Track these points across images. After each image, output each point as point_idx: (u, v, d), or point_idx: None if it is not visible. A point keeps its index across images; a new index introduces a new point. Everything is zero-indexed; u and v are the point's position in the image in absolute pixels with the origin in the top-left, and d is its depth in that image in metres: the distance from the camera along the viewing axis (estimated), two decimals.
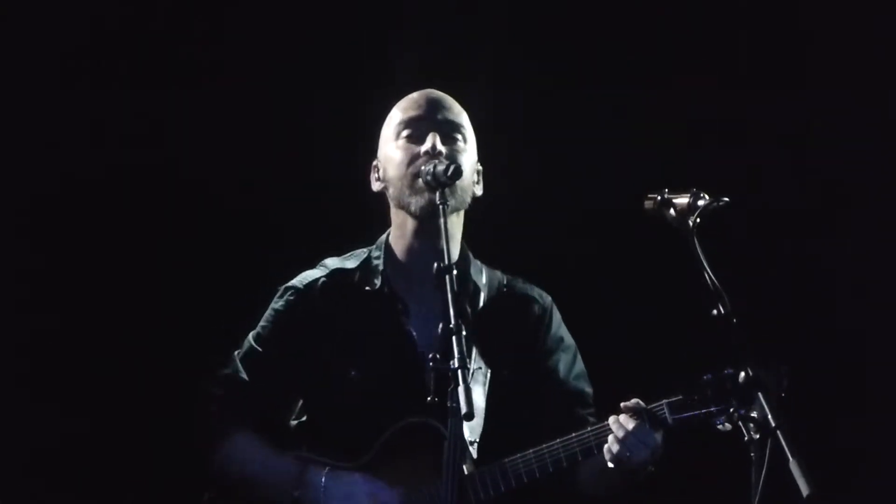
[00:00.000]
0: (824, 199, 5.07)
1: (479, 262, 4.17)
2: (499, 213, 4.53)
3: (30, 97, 4.96)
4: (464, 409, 3.23)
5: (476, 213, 4.11)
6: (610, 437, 3.81)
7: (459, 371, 3.27)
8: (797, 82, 5.09)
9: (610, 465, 3.81)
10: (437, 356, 3.36)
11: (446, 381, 3.32)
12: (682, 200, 3.48)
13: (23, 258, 4.98)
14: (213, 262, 5.06)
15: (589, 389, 4.15)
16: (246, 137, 5.09)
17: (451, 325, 3.35)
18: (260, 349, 4.07)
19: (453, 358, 3.30)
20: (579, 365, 4.16)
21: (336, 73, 5.13)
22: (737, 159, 4.99)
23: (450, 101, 4.09)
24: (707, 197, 3.46)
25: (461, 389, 3.24)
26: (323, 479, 3.92)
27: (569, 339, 4.18)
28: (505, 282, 4.19)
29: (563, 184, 5.14)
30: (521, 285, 4.21)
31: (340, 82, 5.13)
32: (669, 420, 3.80)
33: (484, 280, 4.14)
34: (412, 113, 4.04)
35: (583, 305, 4.33)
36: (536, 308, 4.18)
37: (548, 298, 4.21)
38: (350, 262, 4.15)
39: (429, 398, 3.39)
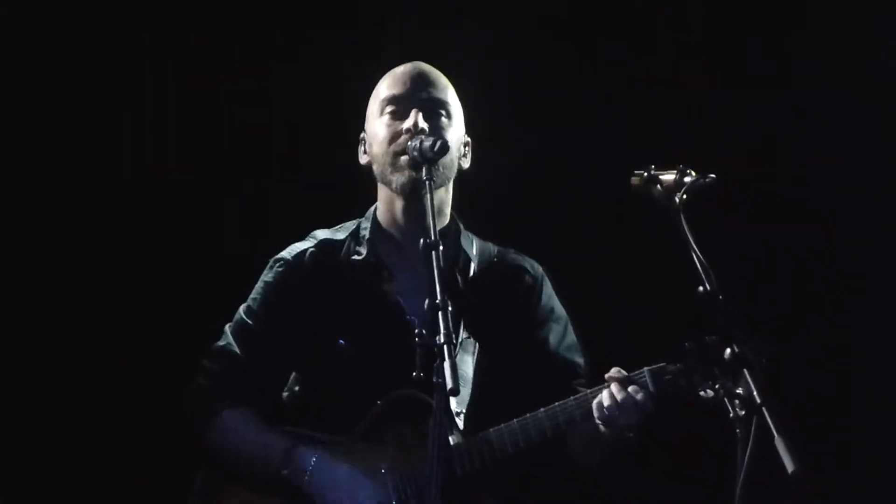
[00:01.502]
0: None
1: (470, 234, 4.17)
2: (492, 186, 4.53)
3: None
4: (449, 385, 3.23)
5: (469, 186, 4.11)
6: (594, 405, 3.82)
7: (445, 347, 3.27)
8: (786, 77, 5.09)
9: (599, 424, 3.82)
10: (424, 332, 3.35)
11: (433, 357, 3.32)
12: (669, 177, 3.47)
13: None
14: (202, 240, 5.06)
15: (580, 360, 4.17)
16: (232, 112, 5.08)
17: (437, 301, 3.34)
18: (251, 322, 4.08)
19: (439, 333, 3.30)
20: (570, 336, 4.18)
21: (326, 43, 5.12)
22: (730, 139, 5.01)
23: (435, 75, 4.09)
24: (694, 174, 3.46)
25: (447, 365, 3.25)
26: (311, 465, 3.93)
27: (560, 310, 4.19)
28: (496, 252, 4.20)
29: (555, 158, 5.14)
30: (513, 256, 4.22)
31: (331, 53, 5.12)
32: (651, 387, 3.80)
33: (475, 251, 4.16)
34: (396, 90, 4.05)
35: (572, 279, 4.33)
36: (528, 278, 4.19)
37: (539, 269, 4.22)
38: (339, 233, 4.17)
39: (414, 374, 3.39)
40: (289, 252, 4.13)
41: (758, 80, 5.10)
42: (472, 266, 4.14)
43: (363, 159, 4.12)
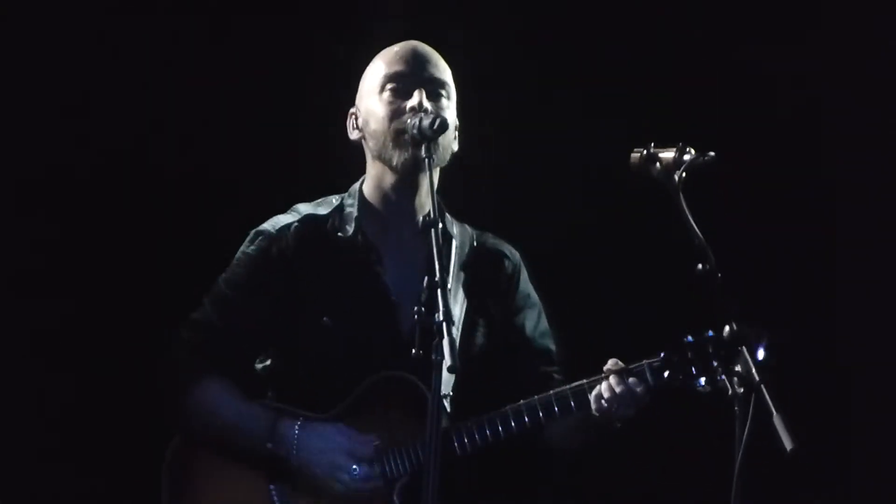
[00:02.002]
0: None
1: (449, 216, 4.17)
2: (475, 169, 4.53)
3: None
4: (449, 362, 3.23)
5: (451, 167, 4.10)
6: (591, 397, 3.84)
7: (445, 324, 3.26)
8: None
9: (594, 414, 3.83)
10: (422, 309, 3.35)
11: (431, 334, 3.31)
12: (668, 155, 3.46)
13: None
14: (178, 213, 5.04)
15: (553, 347, 4.18)
16: (212, 86, 5.05)
17: (437, 279, 3.33)
18: (231, 293, 4.03)
19: (438, 311, 3.29)
20: (543, 323, 4.18)
21: (313, 19, 5.10)
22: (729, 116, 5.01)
23: (435, 56, 4.07)
24: (693, 151, 3.45)
25: (446, 342, 3.24)
26: (296, 432, 3.92)
27: (534, 297, 4.20)
28: (475, 236, 4.19)
29: (541, 140, 5.14)
30: (492, 240, 4.22)
31: (315, 28, 5.10)
32: (650, 381, 3.81)
33: (456, 233, 4.14)
34: (398, 67, 4.01)
35: (564, 265, 4.33)
36: (507, 264, 4.19)
37: (517, 254, 4.22)
38: (322, 208, 4.12)
39: (413, 351, 3.39)
40: (272, 225, 4.08)
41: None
42: (455, 250, 4.13)
43: (354, 135, 4.09)
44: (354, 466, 3.90)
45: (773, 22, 5.07)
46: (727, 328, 3.28)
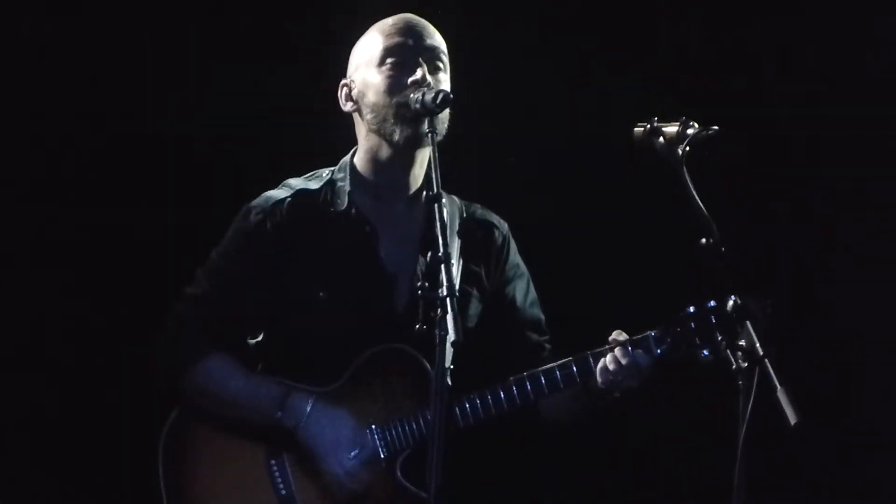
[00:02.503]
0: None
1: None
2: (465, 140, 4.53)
3: None
4: (453, 337, 3.23)
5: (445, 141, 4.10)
6: (597, 369, 3.84)
7: (448, 299, 3.25)
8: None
9: (601, 387, 3.84)
10: (426, 284, 3.35)
11: (434, 309, 3.31)
12: (672, 129, 3.46)
13: None
14: (168, 190, 5.02)
15: (542, 316, 4.19)
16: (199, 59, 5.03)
17: (440, 254, 3.33)
18: (226, 268, 4.03)
19: (441, 286, 3.28)
20: (532, 292, 4.19)
21: None
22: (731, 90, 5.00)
23: (431, 27, 4.05)
24: (696, 125, 3.45)
25: (450, 317, 3.23)
26: (308, 406, 3.92)
27: (523, 267, 4.21)
28: (463, 207, 4.19)
29: (537, 112, 5.13)
30: (481, 211, 4.21)
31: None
32: (655, 351, 3.82)
33: (446, 205, 4.13)
34: (397, 39, 3.99)
35: (566, 238, 4.32)
36: (497, 234, 4.19)
37: (505, 225, 4.22)
38: (313, 182, 4.11)
39: (417, 326, 3.38)
40: (265, 200, 4.07)
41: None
42: (455, 220, 4.12)
43: (348, 107, 4.06)
44: (354, 451, 3.91)
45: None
46: (731, 302, 3.28)
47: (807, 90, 5.02)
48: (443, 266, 3.31)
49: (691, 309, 3.78)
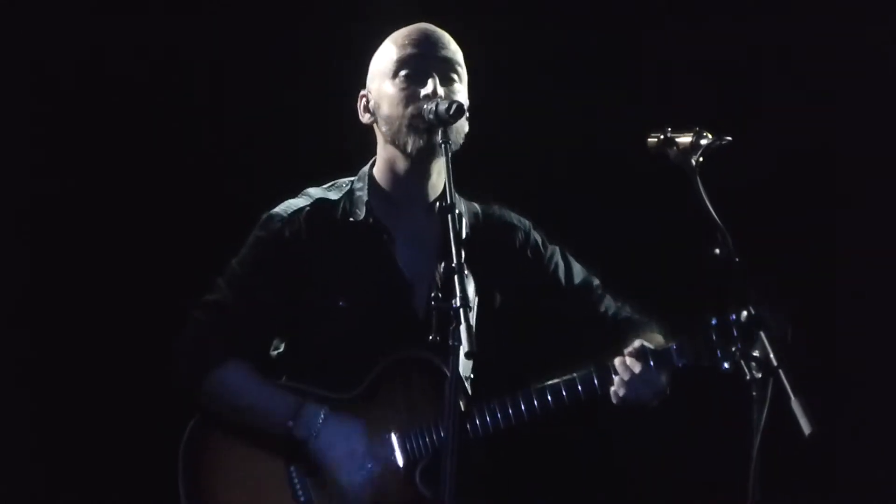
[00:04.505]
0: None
1: (457, 195, 4.15)
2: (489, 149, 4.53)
3: None
4: (466, 348, 3.23)
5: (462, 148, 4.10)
6: (616, 380, 3.84)
7: (461, 310, 3.26)
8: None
9: (613, 402, 3.83)
10: (439, 294, 3.35)
11: (447, 320, 3.31)
12: (685, 139, 3.46)
13: None
14: (188, 198, 5.04)
15: (589, 277, 4.18)
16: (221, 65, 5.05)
17: (454, 264, 3.33)
18: (246, 276, 4.03)
19: (455, 297, 3.29)
20: (572, 263, 4.19)
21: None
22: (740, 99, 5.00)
23: (446, 37, 4.04)
24: (710, 136, 3.45)
25: (463, 328, 3.24)
26: (321, 418, 3.92)
27: (553, 247, 4.19)
28: (481, 211, 4.18)
29: (556, 120, 5.13)
30: (499, 212, 4.21)
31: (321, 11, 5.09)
32: (676, 362, 3.82)
33: (464, 211, 4.13)
34: (411, 50, 3.99)
35: (584, 245, 4.32)
36: (519, 234, 4.18)
37: (526, 222, 4.21)
38: (333, 192, 4.12)
39: (430, 337, 3.38)
40: (284, 209, 4.07)
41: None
42: (464, 228, 4.12)
43: (365, 118, 4.07)
44: (370, 463, 3.91)
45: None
46: (745, 312, 3.28)
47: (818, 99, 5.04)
48: (456, 277, 3.31)
49: (714, 321, 3.76)
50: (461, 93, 3.99)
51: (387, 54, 4.04)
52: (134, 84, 5.00)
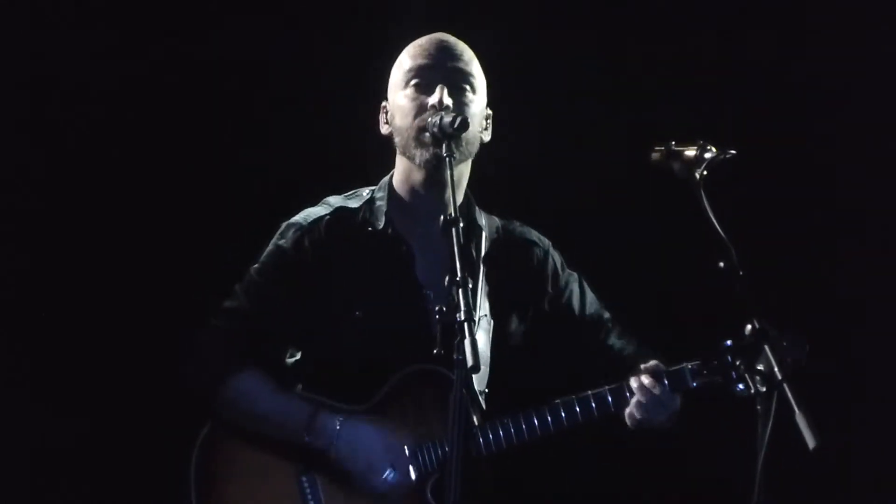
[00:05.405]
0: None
1: (478, 208, 4.15)
2: (509, 160, 4.53)
3: None
4: (470, 362, 3.22)
5: (481, 158, 4.08)
6: (632, 401, 3.84)
7: (466, 324, 3.25)
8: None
9: (629, 424, 3.84)
10: (444, 308, 3.34)
11: (452, 333, 3.30)
12: (689, 152, 3.47)
13: None
14: (209, 206, 5.05)
15: (606, 313, 4.17)
16: (244, 77, 5.06)
17: (458, 278, 3.32)
18: (264, 283, 4.03)
19: (459, 310, 3.28)
20: (588, 293, 4.19)
21: (341, 12, 5.09)
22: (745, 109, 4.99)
23: (461, 47, 4.04)
24: (714, 149, 3.45)
25: (467, 342, 3.22)
26: (337, 427, 3.92)
27: (571, 273, 4.19)
28: (502, 226, 4.18)
29: (571, 132, 5.13)
30: (520, 229, 4.21)
31: (345, 21, 5.09)
32: (691, 384, 3.82)
33: (484, 225, 4.13)
34: (421, 61, 3.99)
35: (597, 266, 4.31)
36: (538, 252, 4.18)
37: (546, 241, 4.21)
38: (353, 201, 4.12)
39: (435, 350, 3.39)
40: (304, 217, 4.09)
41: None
42: (484, 242, 4.12)
43: (384, 129, 4.07)
44: (389, 471, 3.91)
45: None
46: (749, 326, 3.28)
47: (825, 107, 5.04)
48: (460, 291, 3.30)
49: (729, 342, 3.74)
50: (474, 103, 3.98)
51: (401, 65, 4.04)
52: (160, 87, 5.01)
